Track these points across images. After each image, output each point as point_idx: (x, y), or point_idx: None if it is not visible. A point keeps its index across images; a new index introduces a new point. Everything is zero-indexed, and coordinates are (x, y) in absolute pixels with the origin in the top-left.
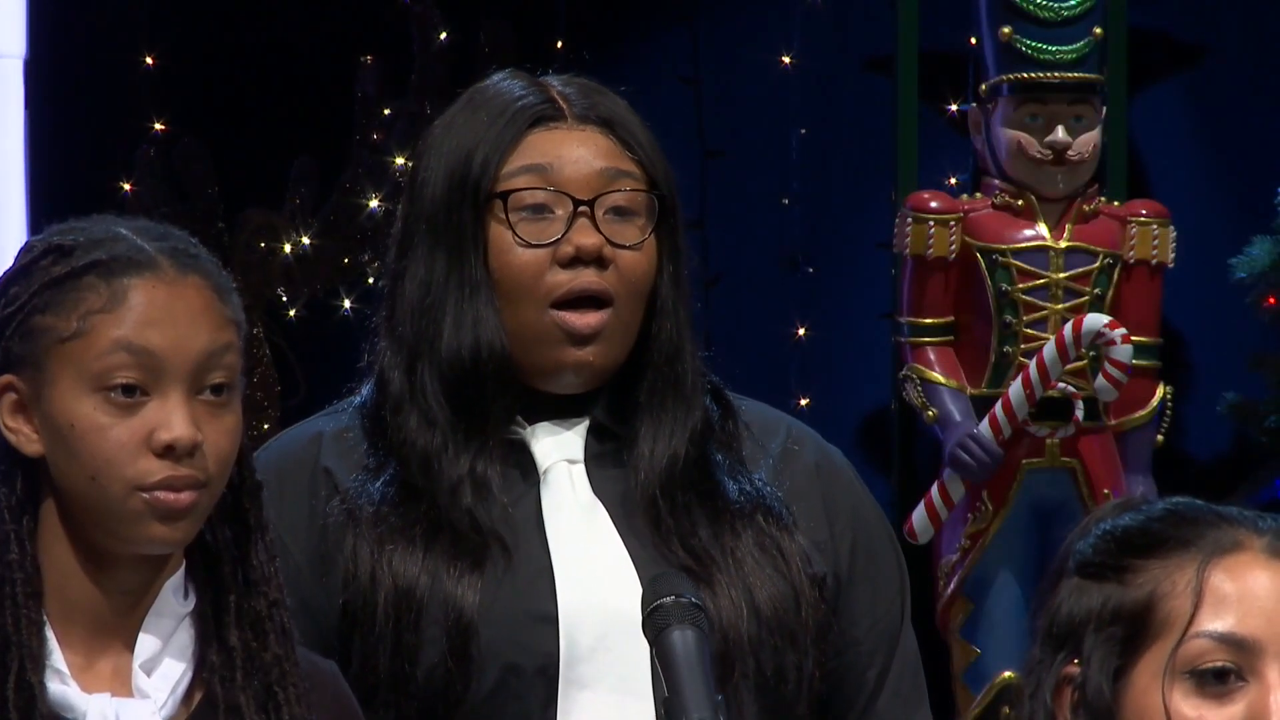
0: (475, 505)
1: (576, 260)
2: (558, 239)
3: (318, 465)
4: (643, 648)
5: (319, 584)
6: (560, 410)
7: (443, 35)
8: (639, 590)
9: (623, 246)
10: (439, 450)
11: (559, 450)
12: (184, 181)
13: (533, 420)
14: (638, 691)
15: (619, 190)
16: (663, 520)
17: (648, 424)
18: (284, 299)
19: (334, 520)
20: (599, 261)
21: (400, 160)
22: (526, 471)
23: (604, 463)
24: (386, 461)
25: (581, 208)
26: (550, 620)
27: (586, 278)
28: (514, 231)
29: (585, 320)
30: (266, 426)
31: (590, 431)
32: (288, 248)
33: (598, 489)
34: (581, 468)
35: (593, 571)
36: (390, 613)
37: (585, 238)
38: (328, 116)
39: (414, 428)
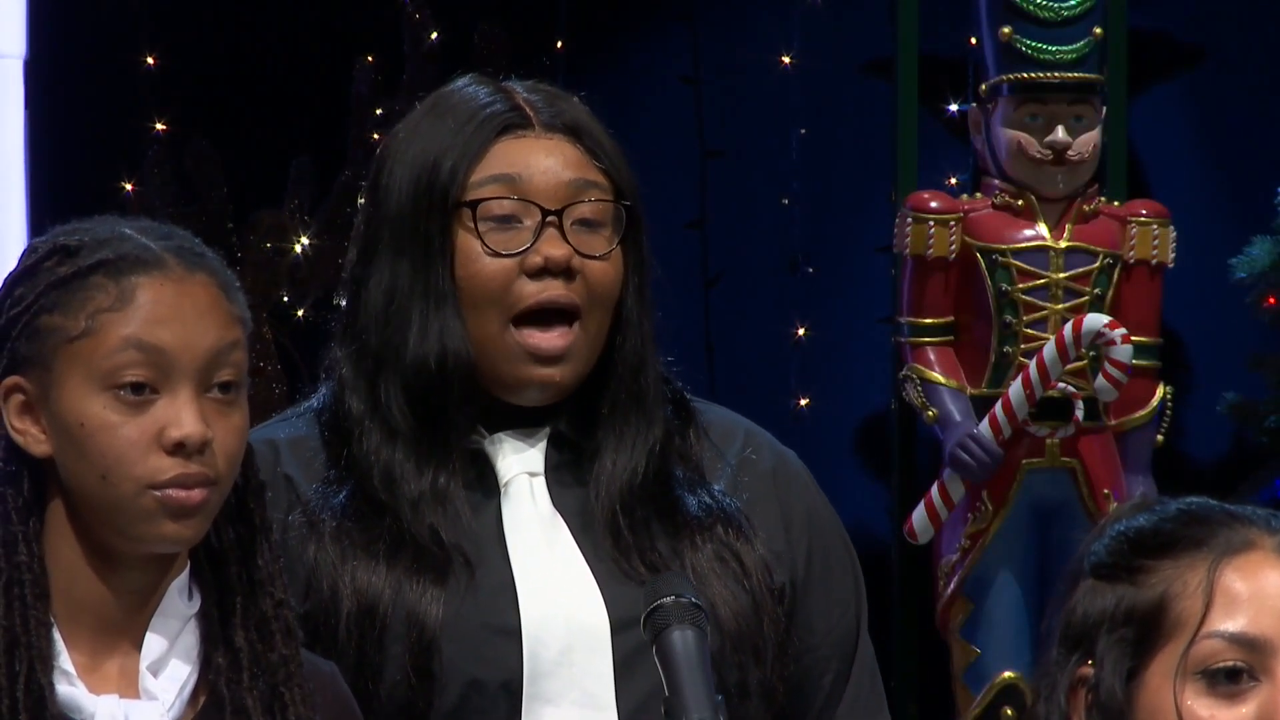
0: (437, 520)
1: (544, 271)
2: (526, 249)
3: (277, 472)
4: (606, 662)
5: None
6: (521, 419)
7: (433, 35)
8: (601, 604)
9: (591, 257)
10: (401, 464)
11: (520, 463)
12: (195, 182)
13: (493, 429)
14: (601, 705)
15: (587, 201)
16: (622, 536)
17: (609, 438)
18: (287, 299)
19: (295, 531)
20: (567, 273)
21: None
22: (487, 484)
23: (564, 475)
24: (348, 473)
25: (550, 218)
26: (513, 634)
27: (554, 290)
28: (482, 241)
29: (551, 341)
30: None
31: (550, 442)
32: (298, 248)
33: (558, 502)
34: (542, 480)
35: (555, 585)
36: (353, 630)
37: (554, 248)
38: (328, 117)
39: (376, 441)
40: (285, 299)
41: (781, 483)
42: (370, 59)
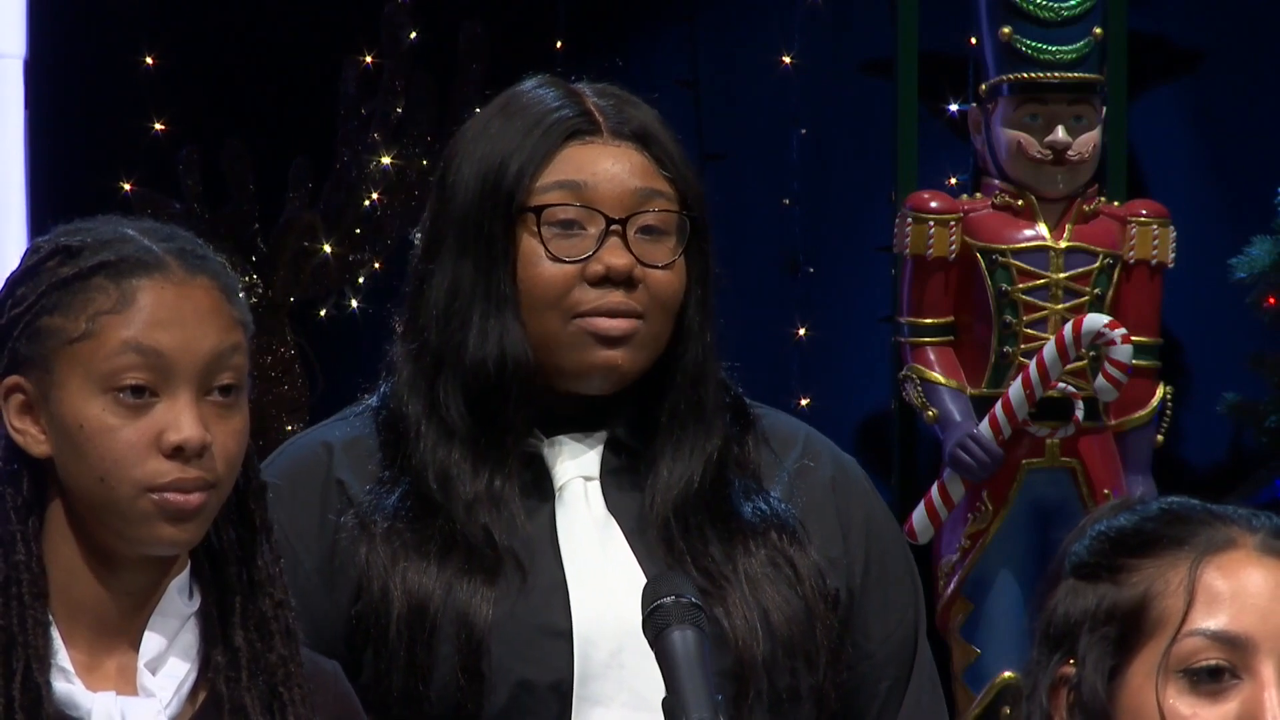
0: (491, 521)
1: (606, 280)
2: (588, 256)
3: (330, 476)
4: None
5: (327, 595)
6: (579, 423)
7: (412, 35)
8: None
9: (653, 266)
10: (457, 464)
11: (576, 466)
12: (229, 182)
13: (550, 433)
14: (652, 708)
15: (651, 210)
16: (675, 543)
17: (667, 446)
18: (311, 300)
19: (346, 533)
20: (628, 282)
21: (386, 160)
22: (542, 487)
23: (620, 479)
24: (402, 474)
25: (614, 226)
26: (564, 636)
27: (614, 298)
28: (545, 246)
29: (614, 324)
30: (294, 427)
31: (607, 446)
32: (327, 248)
33: (612, 506)
34: (597, 484)
35: (607, 588)
36: (403, 631)
37: (616, 258)
38: (328, 117)
39: (433, 441)
40: (309, 299)
41: (840, 491)
42: (370, 59)
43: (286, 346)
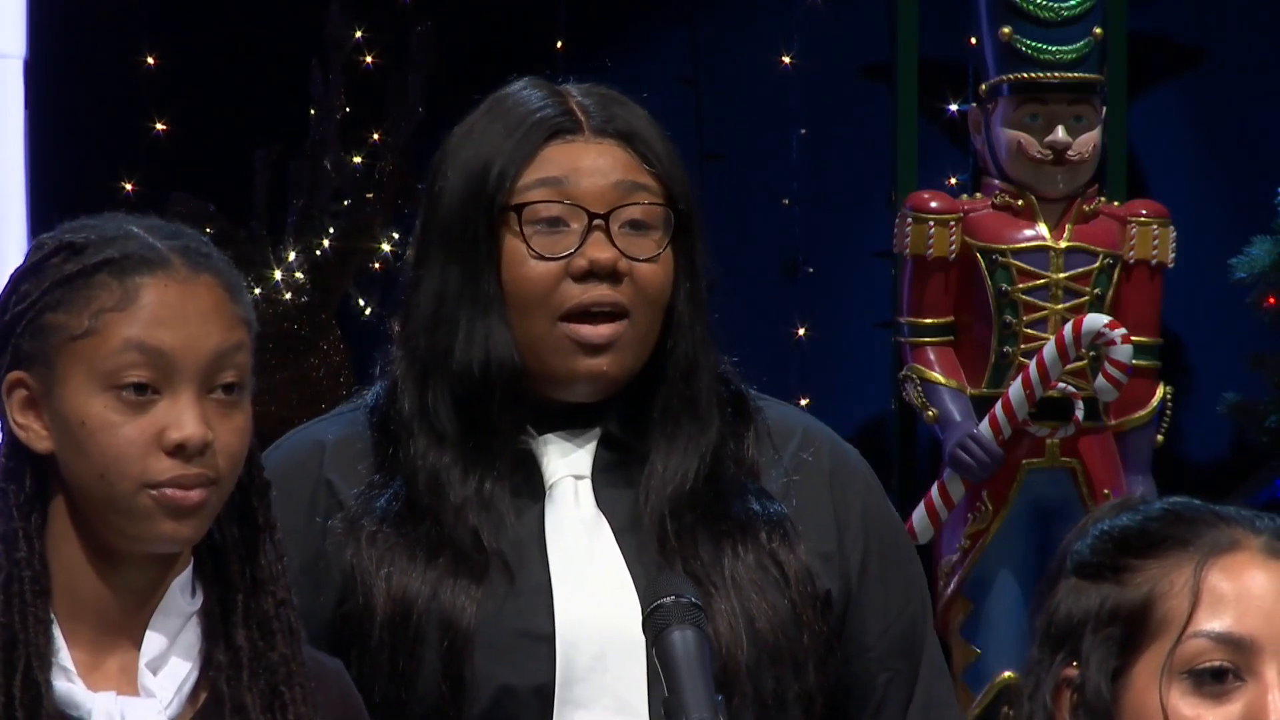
0: (480, 524)
1: (590, 274)
2: (572, 252)
3: (320, 476)
4: (640, 668)
5: (312, 596)
6: (571, 420)
7: (357, 34)
8: (637, 608)
9: (638, 260)
10: (448, 469)
11: (567, 465)
12: (298, 184)
13: (542, 430)
14: (635, 712)
15: (635, 204)
16: (668, 542)
17: (660, 442)
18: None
19: (333, 535)
20: (613, 276)
21: (357, 159)
22: (533, 485)
23: (612, 477)
24: (392, 477)
25: (596, 221)
26: (546, 639)
27: (599, 291)
28: (528, 244)
29: (598, 331)
30: None
31: (600, 443)
32: (386, 247)
33: (603, 504)
34: (588, 483)
35: (592, 590)
36: (386, 638)
37: (599, 252)
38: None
39: (423, 446)
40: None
41: (838, 482)
42: (370, 58)
43: (338, 351)
